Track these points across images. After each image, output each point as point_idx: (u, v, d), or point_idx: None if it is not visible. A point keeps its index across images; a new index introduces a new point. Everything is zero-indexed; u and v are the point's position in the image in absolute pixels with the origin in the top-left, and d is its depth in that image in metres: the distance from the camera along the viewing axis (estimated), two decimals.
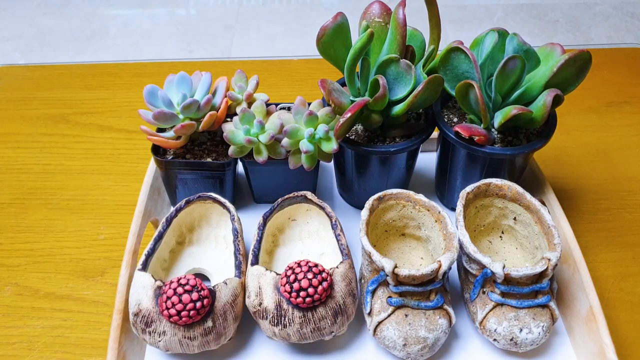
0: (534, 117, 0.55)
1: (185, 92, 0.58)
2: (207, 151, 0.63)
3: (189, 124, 0.57)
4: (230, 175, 0.63)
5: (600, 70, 0.91)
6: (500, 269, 0.50)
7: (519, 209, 0.58)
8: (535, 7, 1.90)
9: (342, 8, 0.63)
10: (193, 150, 0.63)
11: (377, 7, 0.57)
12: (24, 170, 0.78)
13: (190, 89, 0.59)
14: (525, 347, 0.53)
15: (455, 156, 0.62)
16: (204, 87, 0.60)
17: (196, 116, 0.59)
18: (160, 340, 0.51)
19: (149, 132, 0.58)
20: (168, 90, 0.59)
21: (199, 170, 0.62)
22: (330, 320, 0.52)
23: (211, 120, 0.58)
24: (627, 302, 0.61)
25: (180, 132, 0.57)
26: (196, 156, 0.62)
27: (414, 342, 0.51)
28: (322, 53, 0.56)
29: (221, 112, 0.59)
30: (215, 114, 0.58)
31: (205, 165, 0.61)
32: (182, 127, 0.56)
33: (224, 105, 0.60)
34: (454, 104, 0.65)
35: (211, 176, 0.63)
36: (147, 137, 0.58)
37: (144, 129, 0.58)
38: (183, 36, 1.80)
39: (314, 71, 0.94)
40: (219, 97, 0.61)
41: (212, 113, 0.58)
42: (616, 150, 0.79)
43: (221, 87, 0.62)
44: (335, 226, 0.59)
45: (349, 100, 0.57)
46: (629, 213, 0.70)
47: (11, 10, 1.93)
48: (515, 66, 0.53)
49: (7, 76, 0.94)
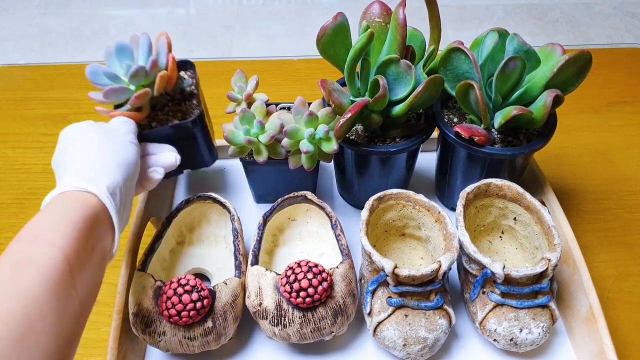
0: (534, 118, 0.55)
1: (128, 61, 0.54)
2: (171, 113, 0.59)
3: (142, 92, 0.53)
4: (203, 133, 0.60)
5: (600, 70, 0.91)
6: (500, 269, 0.50)
7: (519, 209, 0.58)
8: (535, 7, 1.90)
9: (342, 8, 0.63)
10: (157, 117, 0.59)
11: (377, 7, 0.57)
12: (24, 170, 0.78)
13: (131, 57, 0.55)
14: (525, 348, 0.53)
15: (456, 156, 0.62)
16: (144, 50, 0.56)
17: (147, 82, 0.55)
18: (160, 340, 0.51)
19: (107, 111, 0.55)
20: (110, 65, 0.55)
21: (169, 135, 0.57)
22: (330, 320, 0.51)
23: (163, 82, 0.54)
24: (627, 302, 0.61)
25: (136, 103, 0.54)
26: (162, 122, 0.58)
27: (414, 343, 0.51)
28: (322, 53, 0.56)
29: (171, 70, 0.56)
30: (165, 73, 0.54)
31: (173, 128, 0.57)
32: (136, 97, 0.53)
33: (171, 61, 0.56)
34: (454, 104, 0.65)
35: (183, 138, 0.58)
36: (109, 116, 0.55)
37: (99, 110, 0.55)
38: (183, 36, 1.80)
39: (314, 71, 0.94)
40: (163, 56, 0.57)
41: (162, 74, 0.54)
42: (616, 150, 0.79)
43: (162, 44, 0.57)
44: (335, 226, 0.59)
45: (349, 101, 0.57)
46: (629, 213, 0.70)
47: (11, 10, 1.93)
48: (516, 66, 0.53)
49: (7, 76, 0.94)
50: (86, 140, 0.49)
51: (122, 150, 0.49)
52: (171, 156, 0.55)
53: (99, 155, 0.47)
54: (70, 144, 0.49)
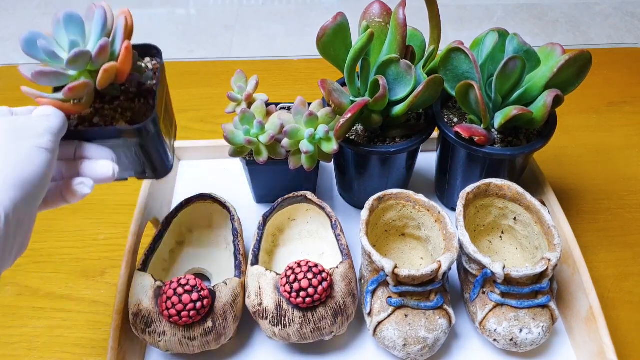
0: (534, 118, 0.55)
1: (76, 37, 0.43)
2: (120, 110, 0.47)
3: (78, 84, 0.42)
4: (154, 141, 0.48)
5: (600, 70, 0.91)
6: (500, 269, 0.50)
7: (519, 209, 0.58)
8: (535, 7, 1.90)
9: (342, 8, 0.63)
10: (103, 110, 0.47)
11: (377, 7, 0.57)
12: None
13: (82, 32, 0.44)
14: (525, 348, 0.53)
15: (456, 156, 0.62)
16: (97, 28, 0.44)
17: (93, 68, 0.44)
18: (160, 340, 0.51)
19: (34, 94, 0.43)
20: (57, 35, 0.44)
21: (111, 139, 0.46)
22: (330, 320, 0.51)
23: (108, 76, 0.43)
24: (627, 302, 0.61)
25: (70, 96, 0.43)
26: (106, 119, 0.46)
27: (414, 343, 0.51)
28: (322, 53, 0.56)
29: (122, 62, 0.44)
30: (114, 66, 0.43)
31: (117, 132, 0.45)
32: (70, 89, 0.42)
33: (125, 51, 0.44)
34: (454, 104, 0.65)
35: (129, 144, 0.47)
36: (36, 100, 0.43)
37: (26, 92, 0.43)
38: (183, 36, 1.80)
39: (314, 71, 0.94)
40: (117, 42, 0.45)
41: (107, 66, 0.43)
42: (616, 150, 0.79)
43: (119, 27, 0.46)
44: (335, 226, 0.59)
45: (349, 101, 0.57)
46: (629, 213, 0.70)
47: (11, 10, 1.93)
48: (516, 67, 0.53)
49: (7, 76, 0.94)
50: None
51: (22, 160, 0.37)
52: (108, 167, 0.43)
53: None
54: None
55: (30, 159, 0.37)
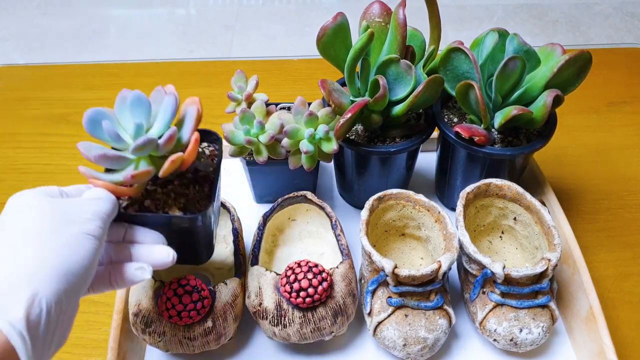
0: (534, 118, 0.55)
1: (141, 119, 0.43)
2: (173, 195, 0.45)
3: (144, 172, 0.41)
4: (205, 231, 0.47)
5: (600, 70, 0.91)
6: (500, 269, 0.50)
7: (519, 209, 0.58)
8: (535, 7, 1.90)
9: (342, 8, 0.63)
10: (154, 193, 0.45)
11: (377, 7, 0.57)
12: (24, 170, 0.78)
13: (148, 115, 0.43)
14: (525, 348, 0.53)
15: (455, 156, 0.62)
16: (166, 114, 0.43)
17: (155, 154, 0.43)
18: (160, 340, 0.51)
19: (90, 175, 0.41)
20: (120, 114, 0.43)
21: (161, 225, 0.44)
22: (330, 320, 0.51)
23: (174, 167, 0.42)
24: (627, 302, 0.61)
25: (131, 182, 0.41)
26: (158, 203, 0.45)
27: (414, 343, 0.51)
28: (322, 53, 0.56)
29: (189, 153, 0.43)
30: (181, 157, 0.42)
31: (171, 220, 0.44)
32: (134, 177, 0.40)
33: (194, 141, 0.43)
34: (454, 104, 0.65)
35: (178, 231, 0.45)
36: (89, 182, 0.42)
37: (83, 172, 0.41)
38: (183, 36, 1.80)
39: (314, 71, 0.94)
40: (187, 130, 0.44)
41: (177, 157, 0.41)
42: (616, 150, 0.79)
43: (190, 113, 0.45)
44: (335, 226, 0.59)
45: (349, 101, 0.57)
46: (629, 213, 0.70)
47: (11, 10, 1.93)
48: (516, 66, 0.53)
49: (7, 76, 0.94)
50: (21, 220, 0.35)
51: (67, 248, 0.34)
52: (166, 253, 0.41)
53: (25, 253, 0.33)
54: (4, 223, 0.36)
55: (77, 247, 0.35)
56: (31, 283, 0.32)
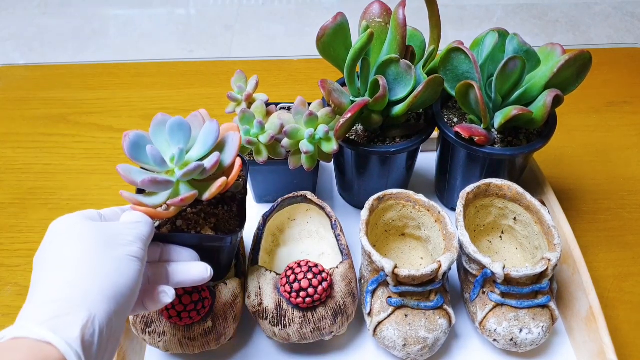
0: (534, 118, 0.55)
1: (182, 145, 0.44)
2: (203, 215, 0.48)
3: (190, 195, 0.43)
4: (234, 249, 0.50)
5: (600, 70, 0.91)
6: (500, 269, 0.50)
7: (519, 209, 0.58)
8: (535, 7, 1.90)
9: (342, 8, 0.63)
10: (185, 214, 0.47)
11: (377, 7, 0.57)
12: (24, 170, 0.78)
13: (187, 139, 0.45)
14: (525, 348, 0.53)
15: (455, 156, 0.62)
16: (208, 139, 0.45)
17: (199, 178, 0.45)
18: (160, 340, 0.51)
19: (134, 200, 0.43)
20: (156, 137, 0.44)
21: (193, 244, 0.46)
22: (330, 321, 0.51)
23: (219, 191, 0.44)
24: (627, 302, 0.61)
25: (178, 205, 0.43)
26: (190, 222, 0.47)
27: (414, 343, 0.51)
28: (322, 53, 0.56)
29: (233, 178, 0.44)
30: (225, 181, 0.43)
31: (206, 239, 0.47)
32: (182, 200, 0.42)
33: (238, 168, 0.45)
34: (454, 104, 0.65)
35: (206, 249, 0.47)
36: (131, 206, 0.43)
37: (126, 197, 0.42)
38: (183, 36, 1.80)
39: (314, 71, 0.94)
40: (228, 154, 0.46)
41: (222, 182, 0.43)
42: (616, 150, 0.79)
43: (232, 139, 0.46)
44: (335, 226, 0.59)
45: (349, 101, 0.57)
46: (629, 213, 0.70)
47: (11, 10, 1.93)
48: (516, 67, 0.53)
49: (7, 76, 0.94)
50: (68, 247, 0.36)
51: (117, 270, 0.36)
52: (203, 270, 0.43)
53: (77, 275, 0.35)
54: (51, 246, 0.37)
55: (123, 269, 0.36)
56: (85, 304, 0.33)
